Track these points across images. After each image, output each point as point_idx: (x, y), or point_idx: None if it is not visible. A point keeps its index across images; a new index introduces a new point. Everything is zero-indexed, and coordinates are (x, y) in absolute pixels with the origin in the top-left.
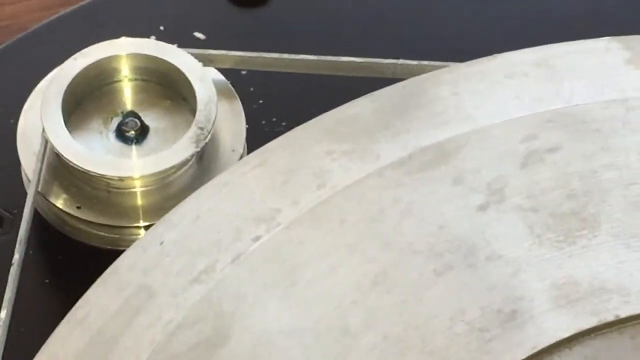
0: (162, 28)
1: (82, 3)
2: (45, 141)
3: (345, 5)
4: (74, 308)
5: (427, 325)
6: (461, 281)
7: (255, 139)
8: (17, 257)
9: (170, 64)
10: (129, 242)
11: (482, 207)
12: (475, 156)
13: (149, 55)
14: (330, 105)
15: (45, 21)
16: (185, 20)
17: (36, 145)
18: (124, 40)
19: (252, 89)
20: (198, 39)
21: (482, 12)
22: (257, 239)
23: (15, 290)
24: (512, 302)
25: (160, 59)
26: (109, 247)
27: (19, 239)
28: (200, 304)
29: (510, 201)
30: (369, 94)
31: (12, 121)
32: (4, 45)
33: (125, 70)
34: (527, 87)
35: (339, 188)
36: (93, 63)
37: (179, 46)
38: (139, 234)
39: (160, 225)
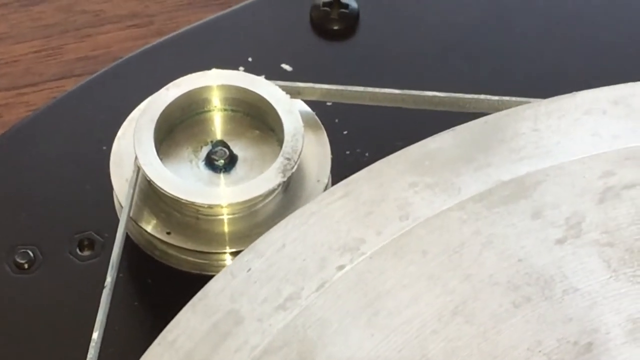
0: (250, 59)
1: (172, 34)
2: (138, 168)
3: (429, 40)
4: (164, 331)
5: (505, 356)
6: (538, 313)
7: (339, 168)
8: (109, 280)
9: (259, 95)
10: (217, 268)
11: (560, 241)
12: (554, 191)
13: (239, 87)
14: (413, 137)
15: (136, 51)
16: (272, 52)
17: (128, 171)
18: (214, 71)
19: (336, 120)
20: (285, 70)
21: (562, 49)
22: (341, 268)
23: (106, 313)
24: (588, 334)
25: (250, 90)
26: (197, 272)
27: (111, 263)
28: (285, 330)
29: (588, 236)
30: (451, 129)
31: (104, 148)
32: (97, 74)
33: (215, 101)
34: (605, 125)
35: (421, 220)
36: (185, 93)
37: (267, 77)
38: (225, 260)
39: (248, 253)
